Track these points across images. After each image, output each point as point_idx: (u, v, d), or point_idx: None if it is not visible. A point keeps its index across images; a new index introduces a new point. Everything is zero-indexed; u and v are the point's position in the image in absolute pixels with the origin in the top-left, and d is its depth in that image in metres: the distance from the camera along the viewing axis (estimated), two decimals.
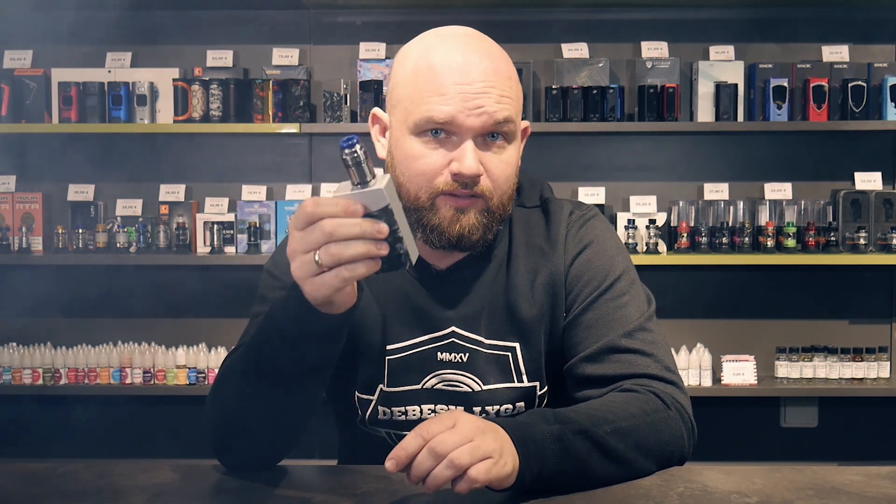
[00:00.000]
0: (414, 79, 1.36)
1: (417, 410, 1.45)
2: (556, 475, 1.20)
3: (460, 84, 1.33)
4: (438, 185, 1.35)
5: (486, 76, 1.34)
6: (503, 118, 1.35)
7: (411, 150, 1.36)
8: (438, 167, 1.35)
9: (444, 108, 1.33)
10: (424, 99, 1.34)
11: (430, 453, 1.11)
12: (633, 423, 1.28)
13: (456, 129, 1.34)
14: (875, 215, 3.70)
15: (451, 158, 1.35)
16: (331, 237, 1.10)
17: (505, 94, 1.35)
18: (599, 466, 1.24)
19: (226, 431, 1.32)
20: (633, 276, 1.46)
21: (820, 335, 3.85)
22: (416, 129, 1.35)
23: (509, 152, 1.38)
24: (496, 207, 1.38)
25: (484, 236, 1.39)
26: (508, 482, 1.16)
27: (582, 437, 1.22)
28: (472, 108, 1.33)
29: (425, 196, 1.36)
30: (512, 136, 1.38)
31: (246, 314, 1.47)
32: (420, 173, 1.36)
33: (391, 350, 1.44)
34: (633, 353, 1.38)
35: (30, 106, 3.77)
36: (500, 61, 1.38)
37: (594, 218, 1.50)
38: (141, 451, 3.79)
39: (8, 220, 3.83)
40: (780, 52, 3.86)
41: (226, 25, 3.91)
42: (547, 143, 3.82)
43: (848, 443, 3.90)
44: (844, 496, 1.21)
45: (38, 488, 1.27)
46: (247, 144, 3.93)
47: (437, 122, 1.33)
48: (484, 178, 1.36)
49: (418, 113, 1.35)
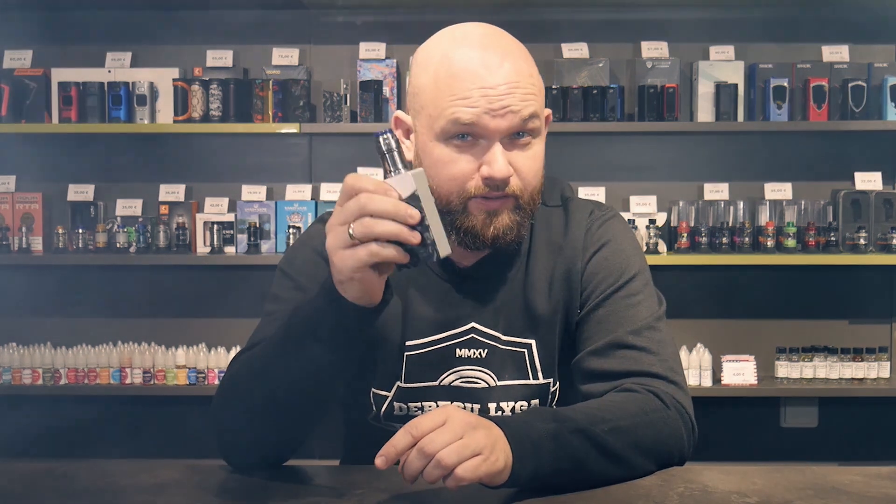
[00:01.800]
0: (435, 84, 1.36)
1: (434, 406, 1.45)
2: (553, 474, 1.20)
3: (484, 88, 1.33)
4: (470, 190, 1.36)
5: (508, 77, 1.34)
6: (529, 115, 1.35)
7: (440, 157, 1.36)
8: (469, 172, 1.35)
9: (470, 111, 1.33)
10: (448, 104, 1.34)
11: (418, 453, 1.11)
12: (631, 422, 1.28)
13: (482, 132, 1.34)
14: (875, 215, 3.70)
15: (481, 163, 1.35)
16: (364, 209, 1.13)
17: (529, 91, 1.36)
18: (597, 465, 1.23)
19: (238, 431, 1.32)
20: (647, 277, 1.47)
21: (820, 335, 3.85)
22: (444, 134, 1.35)
23: (535, 148, 1.39)
24: (527, 203, 1.39)
25: (518, 234, 1.40)
26: (501, 478, 1.16)
27: (579, 436, 1.22)
28: (498, 109, 1.33)
29: (457, 200, 1.36)
30: (538, 131, 1.39)
31: (246, 314, 1.48)
32: (450, 178, 1.36)
33: (410, 346, 1.45)
34: (638, 350, 1.39)
35: (30, 106, 3.77)
36: (521, 58, 1.38)
37: (613, 218, 1.51)
38: (141, 451, 3.78)
39: (8, 220, 3.83)
40: (780, 52, 3.86)
41: (226, 25, 3.91)
42: (547, 143, 3.80)
43: (848, 443, 3.90)
44: (844, 496, 1.21)
45: (38, 488, 1.27)
46: (247, 144, 3.92)
47: (464, 127, 1.33)
48: (514, 178, 1.36)
49: (443, 118, 1.34)
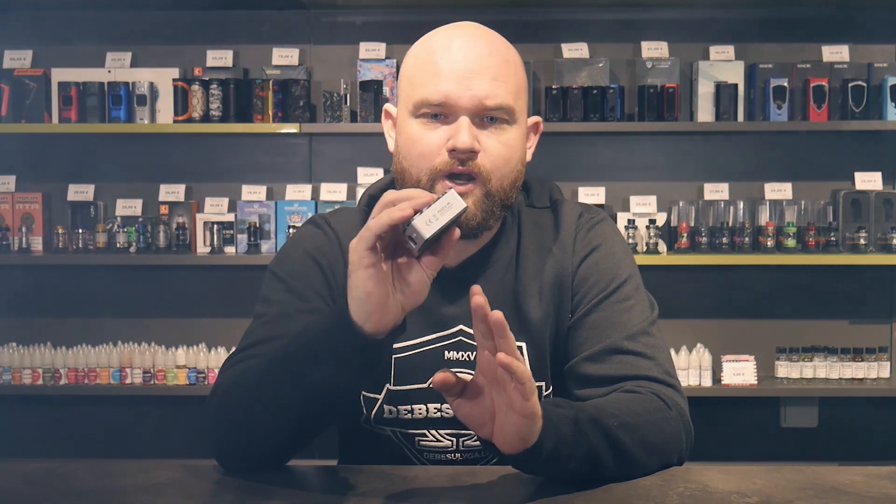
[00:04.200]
0: (414, 65, 1.40)
1: (424, 409, 1.45)
2: (568, 458, 1.19)
3: (453, 63, 1.36)
4: (437, 165, 1.37)
5: (480, 58, 1.37)
6: (497, 101, 1.36)
7: (411, 133, 1.39)
8: (437, 147, 1.37)
9: (439, 87, 1.36)
10: (421, 81, 1.38)
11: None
12: (637, 419, 1.29)
13: (451, 109, 1.36)
14: (875, 215, 3.70)
15: (449, 136, 1.36)
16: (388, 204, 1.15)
17: (499, 77, 1.37)
18: (607, 457, 1.23)
19: (233, 437, 1.31)
20: (638, 281, 1.47)
21: (820, 335, 3.84)
22: (415, 110, 1.38)
23: (510, 135, 1.39)
24: (496, 191, 1.39)
25: (484, 221, 1.39)
26: (530, 440, 1.15)
27: (594, 425, 1.22)
28: (465, 87, 1.35)
29: (426, 178, 1.37)
30: (512, 120, 1.39)
31: (246, 314, 1.47)
32: (419, 155, 1.38)
33: (398, 348, 1.44)
34: (634, 355, 1.39)
35: (30, 106, 3.77)
36: (499, 47, 1.40)
37: (603, 222, 1.51)
38: (141, 451, 3.79)
39: (8, 220, 3.83)
40: (780, 52, 3.86)
41: (226, 25, 3.91)
42: (547, 143, 3.78)
43: (848, 443, 3.90)
44: (844, 496, 1.21)
45: (38, 488, 1.27)
46: (247, 144, 3.92)
47: (433, 102, 1.36)
48: (482, 156, 1.37)
49: (416, 95, 1.38)
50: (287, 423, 1.27)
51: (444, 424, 1.45)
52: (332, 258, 1.47)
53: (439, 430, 1.45)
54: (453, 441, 1.46)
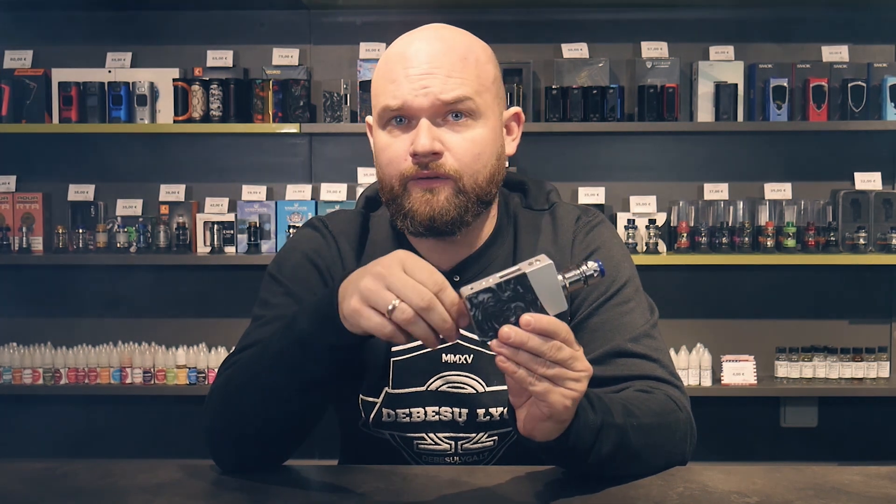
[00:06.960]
0: (376, 75, 1.42)
1: (422, 412, 1.45)
2: (588, 449, 1.20)
3: (406, 68, 1.36)
4: (404, 171, 1.37)
5: (431, 58, 1.37)
6: (453, 97, 1.36)
7: (378, 142, 1.41)
8: (402, 153, 1.38)
9: (396, 92, 1.36)
10: (381, 90, 1.39)
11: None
12: (652, 421, 1.29)
13: (410, 112, 1.37)
14: (875, 215, 3.70)
15: (412, 141, 1.37)
16: (422, 310, 1.12)
17: (454, 74, 1.36)
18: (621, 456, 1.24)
19: (230, 436, 1.32)
20: (637, 284, 1.47)
21: (820, 335, 3.85)
22: (381, 120, 1.40)
23: (476, 131, 1.38)
24: (469, 188, 1.38)
25: (460, 217, 1.38)
26: (568, 414, 1.15)
27: (617, 426, 1.23)
28: (419, 89, 1.35)
29: (398, 184, 1.38)
30: (476, 114, 1.38)
31: (246, 314, 1.47)
32: (388, 162, 1.39)
33: (396, 352, 1.44)
34: (639, 357, 1.39)
35: (30, 106, 3.77)
36: (457, 45, 1.39)
37: (601, 224, 1.51)
38: (141, 451, 3.79)
39: (8, 220, 3.83)
40: (780, 52, 3.86)
41: (226, 25, 3.91)
42: (547, 143, 3.82)
43: (848, 443, 3.90)
44: (844, 496, 1.21)
45: (38, 488, 1.27)
46: (247, 144, 3.93)
47: (393, 109, 1.37)
48: (448, 157, 1.37)
49: (379, 104, 1.39)
50: (281, 417, 1.28)
51: (443, 428, 1.45)
52: (329, 261, 1.47)
53: (438, 434, 1.45)
54: (452, 444, 1.45)
